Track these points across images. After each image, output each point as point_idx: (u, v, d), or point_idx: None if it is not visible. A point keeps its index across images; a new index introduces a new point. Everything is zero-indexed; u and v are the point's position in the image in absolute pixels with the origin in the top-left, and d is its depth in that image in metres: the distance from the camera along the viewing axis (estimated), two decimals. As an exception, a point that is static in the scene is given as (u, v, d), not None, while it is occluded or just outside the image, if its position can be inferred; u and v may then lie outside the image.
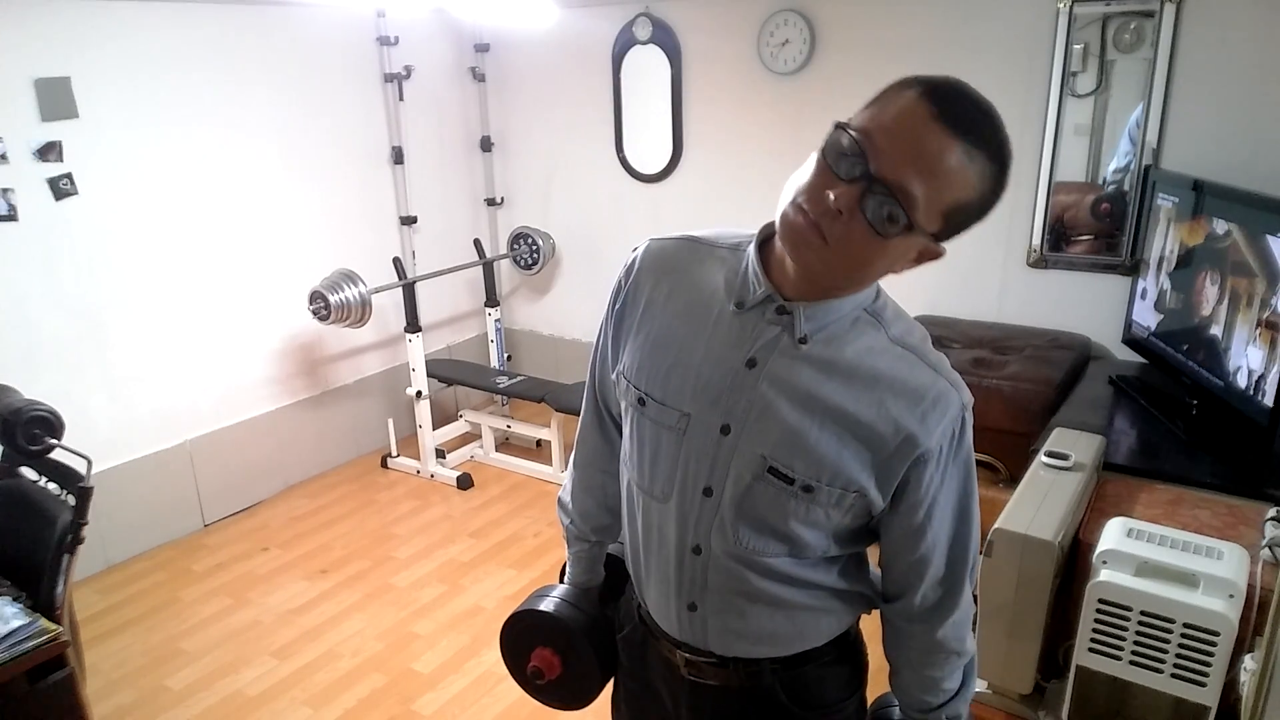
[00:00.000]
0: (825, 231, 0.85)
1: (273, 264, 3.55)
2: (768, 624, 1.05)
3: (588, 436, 1.24)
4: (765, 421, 0.97)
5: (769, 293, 0.96)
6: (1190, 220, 2.52)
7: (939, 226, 0.87)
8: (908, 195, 0.83)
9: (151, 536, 3.28)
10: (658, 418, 1.03)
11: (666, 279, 1.05)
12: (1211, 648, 1.74)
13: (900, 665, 1.12)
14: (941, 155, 0.82)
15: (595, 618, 1.24)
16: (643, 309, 1.06)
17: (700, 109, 3.76)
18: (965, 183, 0.84)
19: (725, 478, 1.00)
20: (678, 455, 1.02)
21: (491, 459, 3.96)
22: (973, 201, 0.86)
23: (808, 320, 0.96)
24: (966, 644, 1.09)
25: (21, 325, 2.86)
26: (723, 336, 0.99)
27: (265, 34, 3.38)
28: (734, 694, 1.10)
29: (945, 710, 1.10)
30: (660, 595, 1.10)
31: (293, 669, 2.61)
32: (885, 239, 0.85)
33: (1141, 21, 2.78)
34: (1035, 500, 2.05)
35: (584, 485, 1.26)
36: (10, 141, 2.75)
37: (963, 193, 0.84)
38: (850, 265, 0.89)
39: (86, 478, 1.91)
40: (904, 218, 0.83)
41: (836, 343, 0.97)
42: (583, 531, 1.28)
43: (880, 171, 0.83)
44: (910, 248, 0.90)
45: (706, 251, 1.04)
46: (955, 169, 0.83)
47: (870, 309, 0.99)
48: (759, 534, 1.00)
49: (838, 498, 0.97)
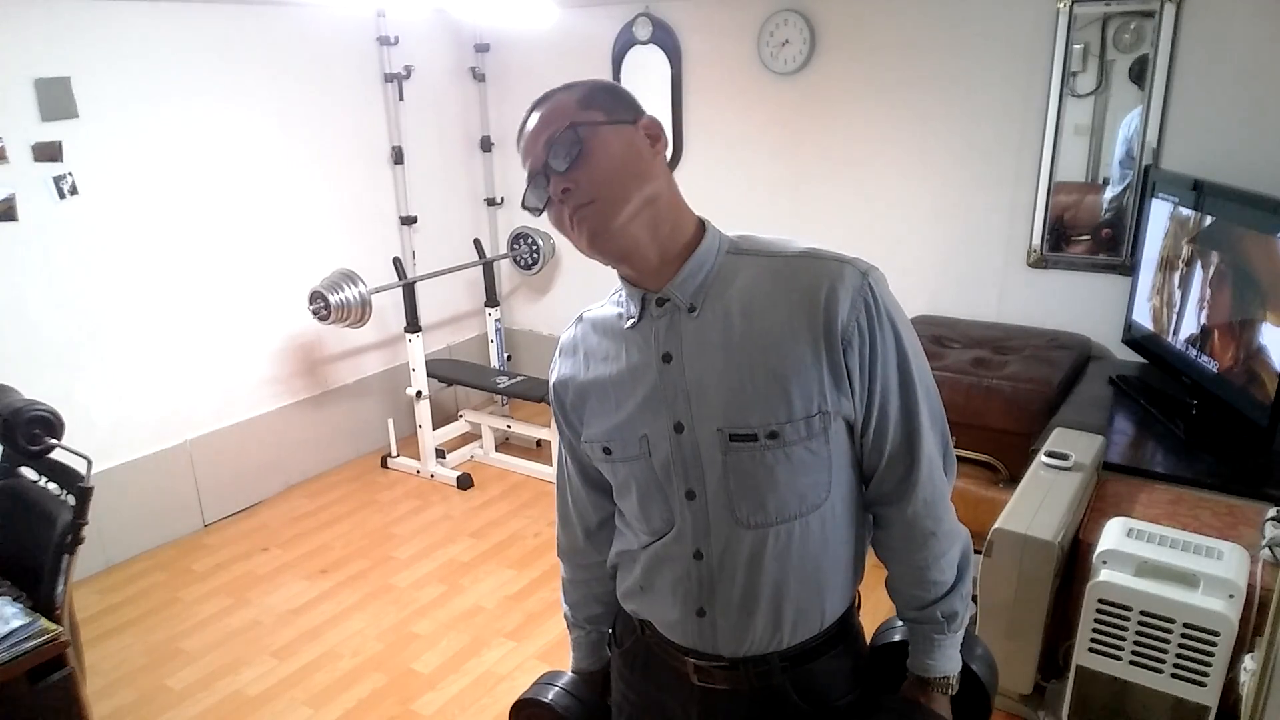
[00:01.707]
0: (571, 206, 0.97)
1: (273, 264, 3.55)
2: (774, 610, 1.05)
3: (563, 544, 1.29)
4: (704, 398, 1.00)
5: (641, 294, 1.04)
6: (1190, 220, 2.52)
7: (600, 112, 0.99)
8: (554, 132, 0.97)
9: (151, 536, 3.29)
10: (624, 454, 1.07)
11: (580, 352, 1.13)
12: (1211, 648, 1.74)
13: (887, 559, 1.13)
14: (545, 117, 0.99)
15: (593, 708, 1.28)
16: (574, 389, 1.13)
17: (700, 109, 3.76)
18: (566, 101, 0.99)
19: (701, 472, 1.02)
20: (654, 478, 1.05)
21: (491, 459, 3.96)
22: (593, 92, 1.00)
23: (682, 291, 1.01)
24: (944, 524, 1.07)
25: (21, 325, 2.86)
26: (635, 353, 1.06)
27: (265, 34, 3.38)
28: (745, 697, 1.10)
29: (940, 606, 1.09)
30: (666, 608, 1.11)
31: (293, 669, 2.61)
32: (594, 156, 0.96)
33: (1141, 21, 2.78)
34: (1035, 500, 2.05)
35: (570, 579, 1.31)
36: (10, 141, 2.75)
37: (575, 101, 0.99)
38: (615, 195, 0.96)
39: (86, 478, 1.91)
40: (574, 132, 0.96)
41: (721, 293, 1.01)
42: (577, 620, 1.32)
43: (539, 162, 0.98)
44: (624, 143, 0.98)
45: (595, 313, 1.14)
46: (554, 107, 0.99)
47: (733, 249, 1.04)
48: (757, 503, 1.01)
49: (805, 429, 0.98)
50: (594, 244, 0.98)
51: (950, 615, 1.09)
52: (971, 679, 1.14)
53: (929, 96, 3.22)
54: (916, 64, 3.21)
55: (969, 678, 1.14)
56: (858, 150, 3.42)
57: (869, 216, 3.45)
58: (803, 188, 3.57)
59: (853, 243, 1.02)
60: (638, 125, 1.01)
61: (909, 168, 3.32)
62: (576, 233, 0.98)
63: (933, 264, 3.33)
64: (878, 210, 3.42)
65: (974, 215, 3.21)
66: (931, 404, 1.05)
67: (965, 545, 1.10)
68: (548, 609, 2.86)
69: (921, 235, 3.33)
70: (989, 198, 3.17)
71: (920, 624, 1.11)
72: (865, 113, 3.36)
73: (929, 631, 1.10)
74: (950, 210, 3.25)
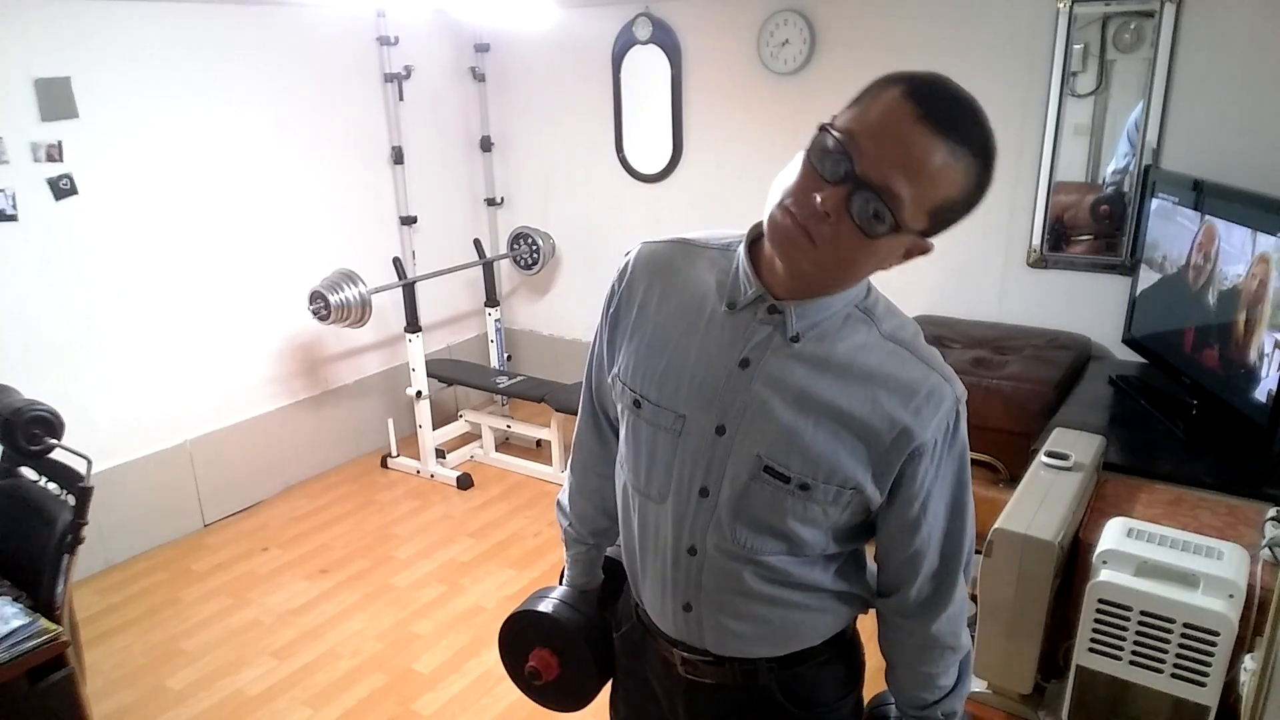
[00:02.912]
0: (813, 233, 0.86)
1: (273, 264, 3.55)
2: (763, 623, 1.05)
3: (584, 441, 1.25)
4: (760, 421, 0.97)
5: (760, 293, 0.97)
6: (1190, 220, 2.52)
7: (926, 224, 0.88)
8: (894, 196, 0.83)
9: (151, 536, 3.29)
10: (653, 419, 1.04)
11: (659, 282, 1.06)
12: (1211, 648, 1.73)
13: (895, 661, 1.12)
14: (927, 156, 0.82)
15: (593, 620, 1.25)
16: (636, 312, 1.07)
17: (700, 109, 3.76)
18: (951, 181, 0.85)
19: (721, 478, 1.00)
20: (673, 456, 1.03)
21: (491, 459, 3.96)
22: (959, 198, 0.87)
23: (799, 319, 0.96)
24: (961, 639, 1.09)
25: (21, 325, 2.86)
26: (716, 337, 1.00)
27: (265, 34, 3.38)
28: (730, 692, 1.10)
29: (940, 707, 1.10)
30: (656, 594, 1.10)
31: (293, 669, 2.61)
32: (873, 239, 0.86)
33: (1141, 21, 2.78)
34: (1035, 500, 2.05)
35: (581, 489, 1.27)
36: (10, 141, 2.75)
37: (949, 190, 0.85)
38: (839, 265, 0.90)
39: (86, 478, 1.91)
40: (890, 218, 0.84)
41: (829, 340, 0.97)
42: (580, 534, 1.29)
43: (866, 173, 0.83)
44: (898, 245, 0.90)
45: (698, 253, 1.05)
46: (940, 169, 0.83)
47: (862, 306, 0.99)
48: (757, 533, 1.01)
49: (834, 495, 0.98)
50: (786, 252, 0.90)
51: (950, 714, 1.11)
52: None
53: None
54: (916, 64, 3.16)
55: None
56: (858, 150, 3.41)
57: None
58: (803, 188, 3.57)
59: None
60: (924, 244, 0.92)
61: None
62: (796, 225, 0.87)
63: (932, 264, 3.30)
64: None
65: (974, 215, 3.20)
66: (971, 529, 1.06)
67: (969, 650, 1.12)
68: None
69: (921, 235, 3.32)
70: (989, 197, 3.16)
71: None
72: (865, 113, 3.35)
73: None
74: (950, 210, 3.25)
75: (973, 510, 1.05)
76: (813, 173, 0.86)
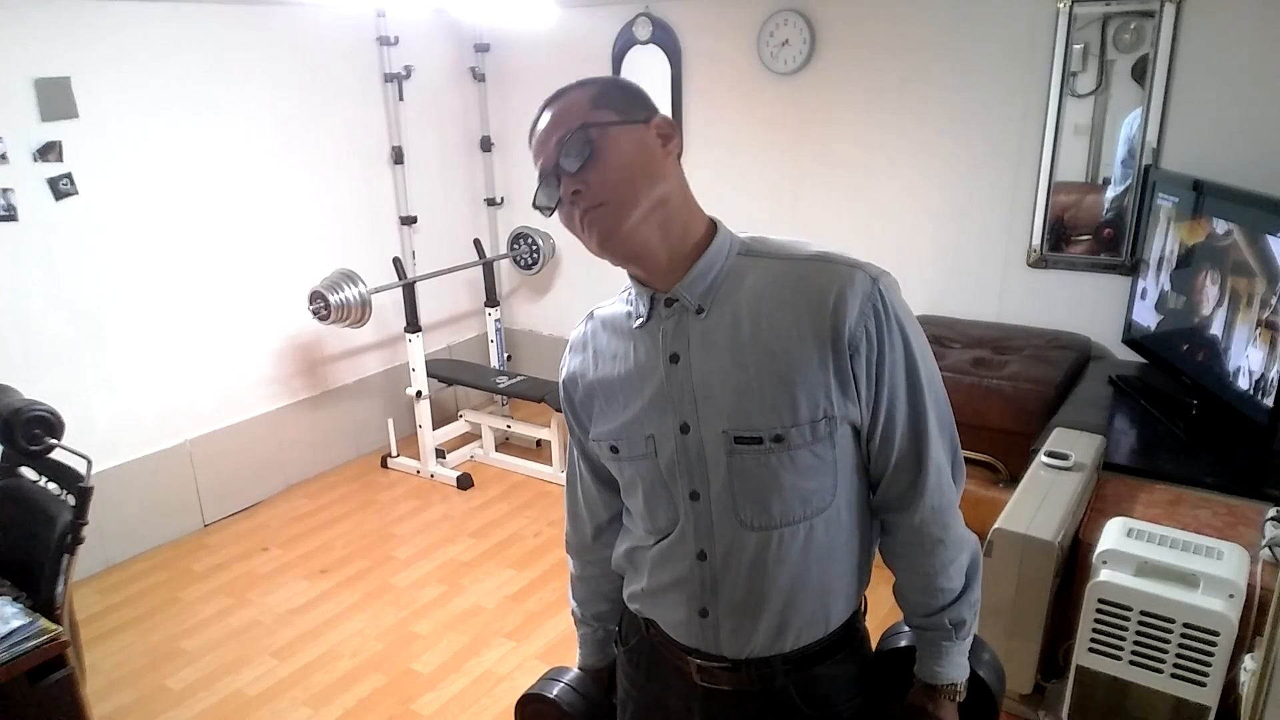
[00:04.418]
0: (582, 207, 0.96)
1: (273, 264, 3.55)
2: (779, 613, 1.05)
3: (570, 539, 1.29)
4: (710, 399, 1.00)
5: (650, 294, 1.03)
6: (1190, 220, 2.52)
7: (611, 111, 0.97)
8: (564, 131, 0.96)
9: (151, 536, 3.29)
10: (631, 453, 1.08)
11: (589, 350, 1.13)
12: (1211, 648, 1.74)
13: (895, 565, 1.12)
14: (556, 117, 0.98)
15: (599, 705, 1.28)
16: (583, 386, 1.13)
17: (700, 109, 3.76)
18: (578, 100, 0.98)
19: (705, 473, 1.02)
20: (659, 477, 1.06)
21: (491, 459, 3.96)
22: (605, 91, 0.99)
23: (691, 292, 1.01)
24: (951, 531, 1.06)
25: (21, 325, 2.86)
26: (643, 353, 1.05)
27: (265, 34, 3.38)
28: (748, 698, 1.10)
29: (947, 614, 1.08)
30: (671, 606, 1.11)
31: (293, 669, 2.61)
32: (606, 157, 0.95)
33: (1141, 21, 2.78)
34: (1035, 500, 2.05)
35: (579, 575, 1.31)
36: (10, 141, 2.75)
37: (588, 99, 0.98)
38: (625, 197, 0.96)
39: (86, 478, 1.91)
40: (585, 133, 0.94)
41: (730, 294, 1.00)
42: (584, 616, 1.32)
43: (549, 160, 0.97)
44: (633, 144, 0.97)
45: (605, 311, 1.13)
46: (564, 106, 0.98)
47: (743, 250, 1.03)
48: (761, 506, 1.01)
49: (810, 432, 0.98)
50: (605, 246, 0.98)
51: (958, 623, 1.09)
52: (979, 685, 1.14)
53: (929, 96, 3.22)
54: (916, 64, 3.21)
55: (976, 684, 1.13)
56: (857, 150, 3.41)
57: (868, 216, 3.45)
58: (802, 187, 3.57)
59: (852, 243, 1.02)
60: (650, 125, 1.00)
61: (909, 167, 3.32)
62: (587, 234, 0.98)
63: (933, 264, 3.33)
64: (877, 210, 3.42)
65: (974, 215, 3.21)
66: (940, 411, 1.04)
67: (974, 552, 1.10)
68: (548, 609, 2.86)
69: (921, 235, 3.33)
70: (989, 197, 3.17)
71: (928, 631, 1.11)
72: (865, 113, 3.36)
73: (937, 638, 1.10)
74: (950, 210, 3.25)
75: (938, 388, 1.04)
76: (551, 202, 0.99)
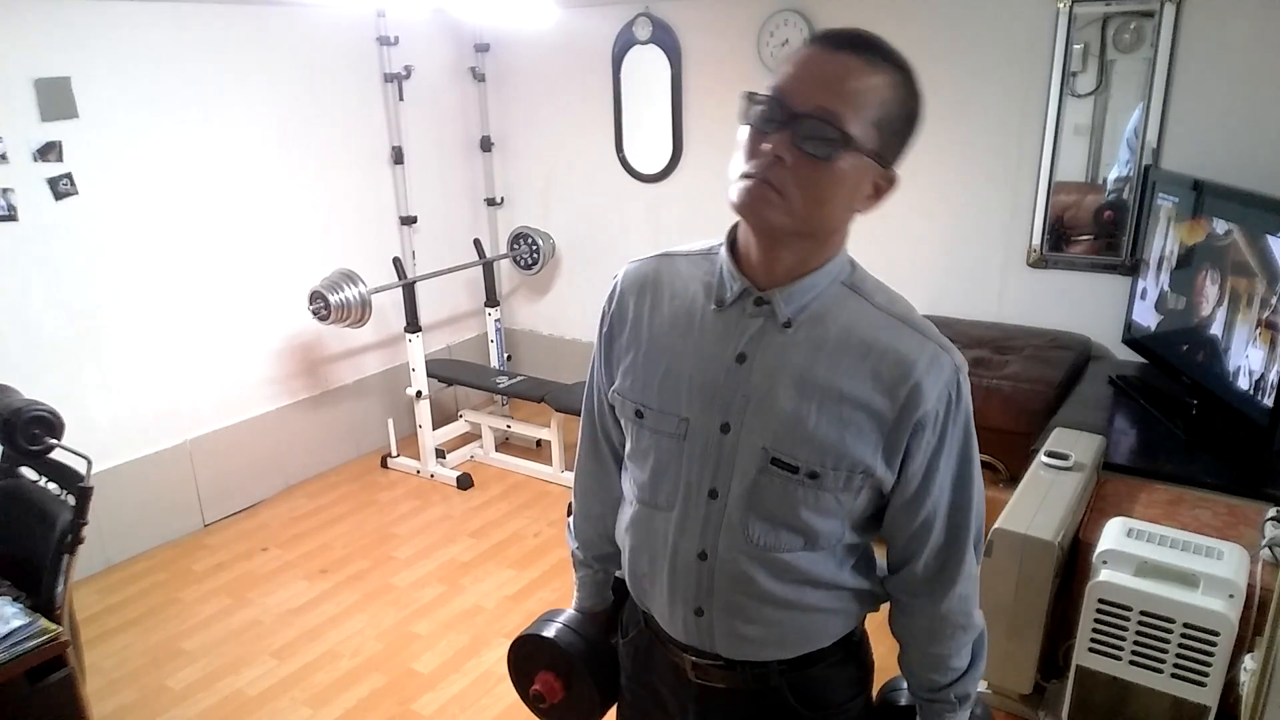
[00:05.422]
0: (775, 182, 0.89)
1: (273, 264, 3.55)
2: (775, 626, 1.05)
3: (585, 467, 1.26)
4: (763, 413, 0.97)
5: (745, 286, 0.99)
6: (1190, 220, 2.52)
7: (876, 140, 0.91)
8: (830, 112, 0.88)
9: (151, 536, 3.28)
10: (656, 426, 1.04)
11: (648, 295, 1.08)
12: (1211, 648, 1.74)
13: (907, 642, 1.12)
14: (846, 70, 0.89)
15: (598, 645, 1.27)
16: (629, 328, 1.08)
17: (700, 109, 3.76)
18: (876, 89, 0.90)
19: (730, 477, 1.00)
20: (680, 462, 1.03)
21: (491, 459, 3.96)
22: (895, 108, 0.92)
23: (786, 303, 0.97)
24: (973, 618, 1.07)
25: (21, 325, 2.86)
26: (709, 338, 1.01)
27: (265, 34, 3.38)
28: (742, 697, 1.10)
29: (954, 689, 1.09)
30: (666, 601, 1.10)
31: (293, 669, 2.61)
32: (830, 162, 0.89)
33: (1141, 21, 2.78)
34: (1035, 500, 2.05)
35: (584, 515, 1.28)
36: (10, 141, 2.75)
37: (881, 97, 0.90)
38: (809, 205, 0.91)
39: (86, 478, 1.91)
40: (836, 132, 0.88)
41: (821, 320, 0.98)
42: (586, 558, 1.30)
43: (799, 106, 0.88)
44: (860, 174, 0.92)
45: (681, 262, 1.08)
46: (864, 80, 0.89)
47: (848, 282, 1.00)
48: (772, 529, 1.00)
49: (845, 480, 0.97)
50: (750, 211, 0.92)
51: (964, 697, 1.10)
52: None
53: (928, 96, 3.18)
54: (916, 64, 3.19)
55: None
56: (858, 150, 3.41)
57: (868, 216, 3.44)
58: (803, 188, 3.57)
59: (852, 243, 1.02)
60: (887, 173, 0.95)
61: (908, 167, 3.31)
62: (757, 181, 0.90)
63: (932, 264, 3.33)
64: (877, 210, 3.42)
65: (974, 215, 3.21)
66: (979, 502, 1.04)
67: (983, 628, 1.11)
68: (548, 609, 2.86)
69: (921, 235, 3.32)
70: (989, 197, 3.17)
71: (933, 704, 1.11)
72: (865, 113, 3.35)
73: (940, 710, 1.11)
74: (950, 210, 3.25)
75: (981, 485, 1.04)
76: (755, 133, 0.91)
